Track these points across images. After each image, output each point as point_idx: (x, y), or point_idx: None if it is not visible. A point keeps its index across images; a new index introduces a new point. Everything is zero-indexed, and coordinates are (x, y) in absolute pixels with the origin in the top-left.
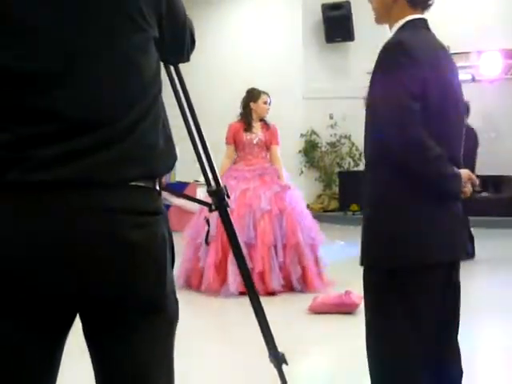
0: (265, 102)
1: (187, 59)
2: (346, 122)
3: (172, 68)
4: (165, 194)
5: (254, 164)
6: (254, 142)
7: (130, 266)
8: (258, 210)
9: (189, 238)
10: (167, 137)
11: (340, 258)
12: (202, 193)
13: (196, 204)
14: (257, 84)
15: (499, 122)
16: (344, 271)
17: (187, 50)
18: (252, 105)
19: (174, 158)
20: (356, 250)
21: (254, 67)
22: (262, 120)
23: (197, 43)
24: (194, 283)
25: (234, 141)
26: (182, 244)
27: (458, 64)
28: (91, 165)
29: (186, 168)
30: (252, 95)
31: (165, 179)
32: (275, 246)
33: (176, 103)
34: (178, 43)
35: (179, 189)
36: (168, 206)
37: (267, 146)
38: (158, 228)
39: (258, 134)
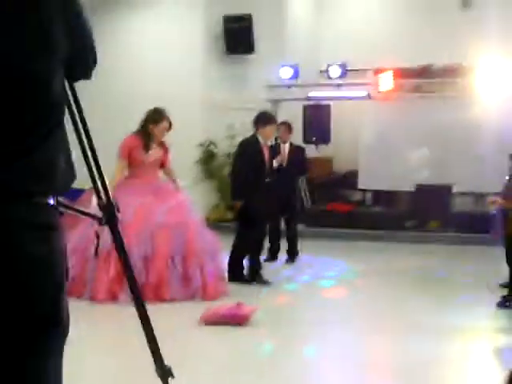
0: (165, 128)
1: (89, 76)
2: (244, 133)
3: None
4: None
5: (148, 180)
6: (151, 160)
7: (28, 280)
8: (155, 223)
9: (75, 244)
10: (67, 157)
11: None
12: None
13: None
14: (154, 90)
15: (392, 138)
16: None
17: (90, 67)
18: (152, 127)
19: (72, 177)
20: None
21: (153, 74)
22: (161, 142)
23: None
24: (76, 290)
25: (129, 156)
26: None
27: (355, 81)
28: None
29: (81, 173)
30: (154, 117)
31: None
32: (173, 258)
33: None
34: (83, 61)
35: (74, 196)
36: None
37: (162, 164)
38: (56, 242)
39: (154, 154)
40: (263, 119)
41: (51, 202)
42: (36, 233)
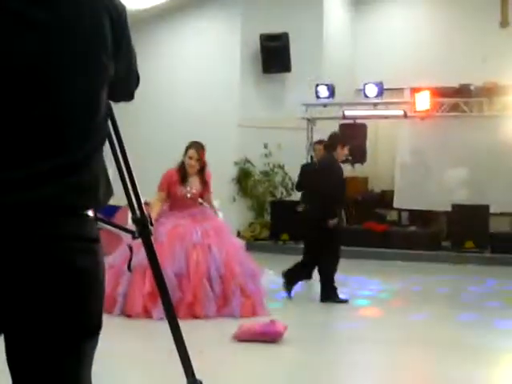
0: (190, 157)
1: (131, 98)
2: (280, 151)
3: None
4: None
5: (187, 213)
6: (188, 196)
7: (79, 290)
8: (190, 242)
9: (112, 261)
10: (106, 175)
11: (268, 287)
12: None
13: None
14: (191, 109)
15: (429, 157)
16: (271, 300)
17: (132, 90)
18: (183, 159)
19: (111, 193)
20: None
21: (190, 93)
22: (200, 171)
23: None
24: (106, 307)
25: (168, 190)
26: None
27: (392, 100)
28: (48, 192)
29: (118, 190)
30: (185, 149)
31: None
32: (209, 277)
33: None
34: (127, 83)
35: (110, 212)
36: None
37: (201, 196)
38: (101, 255)
39: (192, 188)
40: (341, 140)
41: (92, 214)
42: (84, 245)
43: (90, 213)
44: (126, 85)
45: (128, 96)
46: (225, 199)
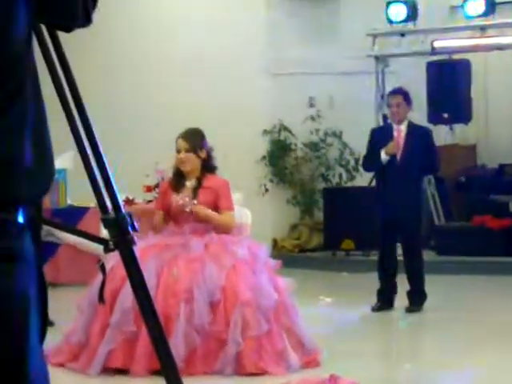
0: (178, 150)
1: (86, 22)
2: (334, 110)
3: (47, 37)
4: (50, 229)
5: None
6: (188, 209)
7: None
8: (171, 254)
9: (85, 298)
10: (40, 146)
11: (324, 324)
12: None
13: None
14: (197, 53)
15: None
16: (329, 343)
17: (84, 10)
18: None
19: (49, 177)
20: (349, 310)
21: (194, 29)
22: (203, 173)
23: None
24: (82, 362)
25: (163, 206)
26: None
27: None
28: None
29: (83, 186)
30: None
31: (49, 204)
32: (189, 300)
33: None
34: None
35: (73, 218)
36: (56, 246)
37: (214, 208)
38: (14, 281)
39: (191, 195)
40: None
41: (14, 217)
42: None
43: (5, 215)
44: None
45: (75, 16)
46: (251, 190)
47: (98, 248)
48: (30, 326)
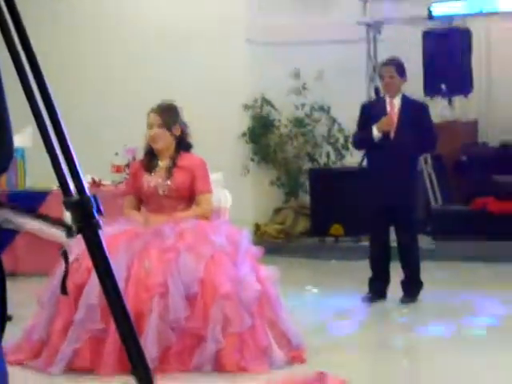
0: (150, 125)
1: None
2: (322, 82)
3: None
4: (5, 213)
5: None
6: (160, 192)
7: None
8: (141, 244)
9: (47, 292)
10: None
11: (310, 316)
12: None
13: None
14: (175, 27)
15: None
16: (316, 336)
17: None
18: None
19: (8, 154)
20: (338, 302)
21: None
22: (178, 151)
23: None
24: (43, 361)
25: (135, 188)
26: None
27: None
28: None
29: (45, 166)
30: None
31: (6, 186)
32: (164, 295)
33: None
34: None
35: (32, 201)
36: (14, 233)
37: (188, 195)
38: None
39: (163, 177)
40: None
41: None
42: None
43: None
44: None
45: None
46: (231, 170)
47: (61, 235)
48: None
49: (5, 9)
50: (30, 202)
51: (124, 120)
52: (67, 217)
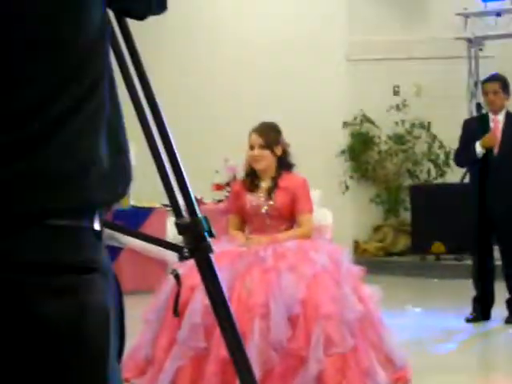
0: (251, 146)
1: (162, 8)
2: (422, 99)
3: (114, 22)
4: (111, 233)
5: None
6: (263, 210)
7: (44, 356)
8: (244, 263)
9: (153, 309)
10: (116, 145)
11: (413, 336)
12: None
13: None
14: (275, 45)
15: None
16: (419, 357)
17: None
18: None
19: (127, 180)
20: (440, 322)
21: (267, 12)
22: (279, 172)
23: None
24: (148, 378)
25: (238, 208)
26: (139, 314)
27: None
28: None
29: (148, 183)
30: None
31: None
32: (265, 316)
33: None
34: None
35: (136, 219)
36: (118, 250)
37: (290, 215)
38: (92, 294)
39: (266, 196)
40: None
41: (91, 225)
42: (54, 279)
43: (81, 221)
44: None
45: (152, 3)
46: (330, 188)
47: (164, 252)
48: (110, 343)
49: (118, 31)
50: (134, 220)
51: (223, 138)
52: (170, 234)
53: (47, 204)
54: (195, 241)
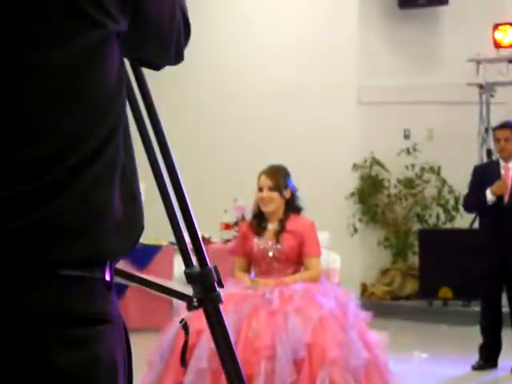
0: (260, 188)
1: (178, 59)
2: (432, 143)
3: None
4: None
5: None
6: (270, 253)
7: None
8: (250, 305)
9: (157, 351)
10: (130, 193)
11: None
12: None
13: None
14: (281, 79)
15: None
16: None
17: (177, 47)
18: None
19: (139, 229)
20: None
21: (278, 58)
22: (287, 215)
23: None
24: None
25: (245, 250)
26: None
27: None
28: None
29: (155, 220)
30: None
31: None
32: (272, 358)
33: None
34: (162, 37)
35: (144, 257)
36: (124, 287)
37: (297, 258)
38: (103, 346)
39: (273, 240)
40: None
41: (102, 276)
42: (67, 331)
43: (93, 272)
44: (162, 37)
45: (169, 55)
46: (339, 230)
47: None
48: None
49: (132, 77)
50: (141, 258)
51: (232, 177)
52: (175, 273)
53: (61, 255)
54: (204, 291)
